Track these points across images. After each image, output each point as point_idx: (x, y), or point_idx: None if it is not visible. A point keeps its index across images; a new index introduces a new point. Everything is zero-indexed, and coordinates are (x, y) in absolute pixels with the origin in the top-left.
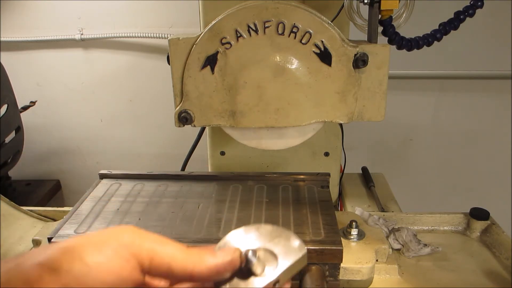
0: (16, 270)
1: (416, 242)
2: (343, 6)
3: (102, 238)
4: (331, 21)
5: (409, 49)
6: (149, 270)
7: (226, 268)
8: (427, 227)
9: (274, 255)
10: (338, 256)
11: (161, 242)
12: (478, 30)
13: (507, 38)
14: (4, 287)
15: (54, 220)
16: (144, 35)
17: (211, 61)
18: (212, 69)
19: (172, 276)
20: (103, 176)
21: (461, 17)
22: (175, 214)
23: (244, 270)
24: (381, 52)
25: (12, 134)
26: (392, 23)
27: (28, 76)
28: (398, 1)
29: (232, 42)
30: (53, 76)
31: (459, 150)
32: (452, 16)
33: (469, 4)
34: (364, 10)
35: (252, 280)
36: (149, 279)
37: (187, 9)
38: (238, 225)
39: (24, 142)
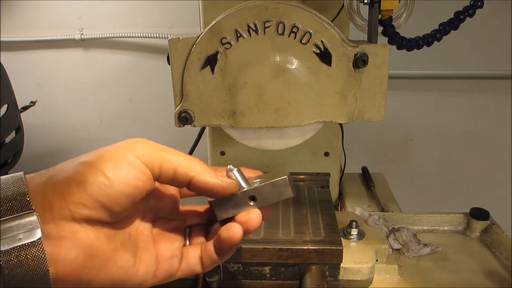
0: (49, 183)
1: (416, 242)
2: (343, 6)
3: (118, 153)
4: (331, 21)
5: (409, 49)
6: (159, 177)
7: (219, 191)
8: (427, 227)
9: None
10: (338, 256)
11: (169, 150)
12: (478, 30)
13: (507, 38)
14: (40, 197)
15: None
16: (144, 35)
17: (211, 61)
18: (212, 69)
19: (176, 182)
20: None
21: (461, 17)
22: None
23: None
24: (381, 52)
25: (12, 134)
26: (392, 23)
27: (28, 76)
28: (398, 1)
29: (232, 42)
30: (53, 76)
31: (459, 150)
32: (452, 16)
33: (469, 4)
34: (364, 10)
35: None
36: (159, 186)
37: (187, 9)
38: None
39: (24, 142)
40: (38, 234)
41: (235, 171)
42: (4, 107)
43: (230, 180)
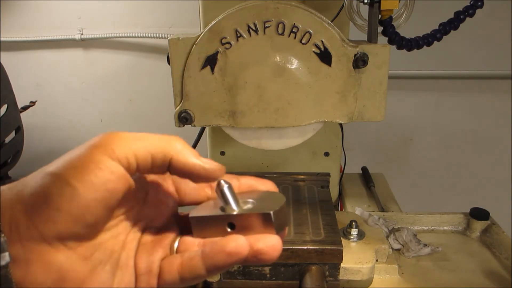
0: (16, 199)
1: (416, 242)
2: (343, 6)
3: (85, 156)
4: (331, 21)
5: (409, 49)
6: (137, 168)
7: (201, 173)
8: (427, 227)
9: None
10: (338, 256)
11: (143, 137)
12: (478, 30)
13: (507, 38)
14: (7, 215)
15: None
16: (144, 35)
17: (211, 61)
18: (212, 69)
19: (157, 169)
20: None
21: (461, 17)
22: None
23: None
24: (381, 52)
25: (12, 134)
26: (392, 23)
27: (28, 76)
28: (398, 1)
29: (232, 42)
30: (53, 76)
31: (459, 150)
32: (452, 16)
33: (469, 4)
34: (364, 10)
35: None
36: (155, 194)
37: (187, 9)
38: None
39: (24, 142)
40: (5, 258)
41: (225, 188)
42: (4, 107)
43: (215, 163)
